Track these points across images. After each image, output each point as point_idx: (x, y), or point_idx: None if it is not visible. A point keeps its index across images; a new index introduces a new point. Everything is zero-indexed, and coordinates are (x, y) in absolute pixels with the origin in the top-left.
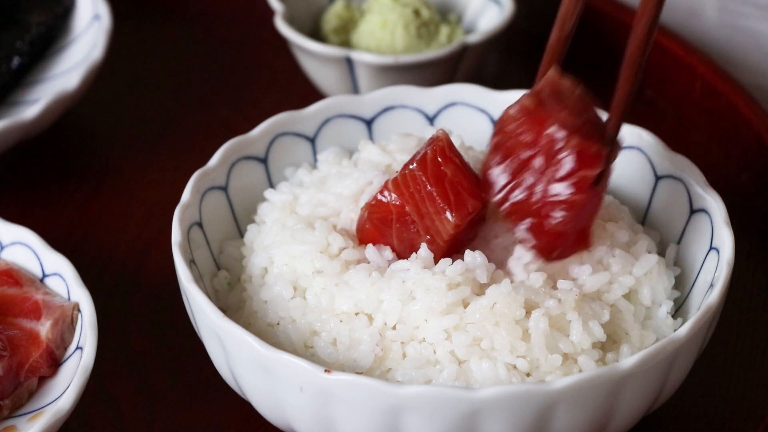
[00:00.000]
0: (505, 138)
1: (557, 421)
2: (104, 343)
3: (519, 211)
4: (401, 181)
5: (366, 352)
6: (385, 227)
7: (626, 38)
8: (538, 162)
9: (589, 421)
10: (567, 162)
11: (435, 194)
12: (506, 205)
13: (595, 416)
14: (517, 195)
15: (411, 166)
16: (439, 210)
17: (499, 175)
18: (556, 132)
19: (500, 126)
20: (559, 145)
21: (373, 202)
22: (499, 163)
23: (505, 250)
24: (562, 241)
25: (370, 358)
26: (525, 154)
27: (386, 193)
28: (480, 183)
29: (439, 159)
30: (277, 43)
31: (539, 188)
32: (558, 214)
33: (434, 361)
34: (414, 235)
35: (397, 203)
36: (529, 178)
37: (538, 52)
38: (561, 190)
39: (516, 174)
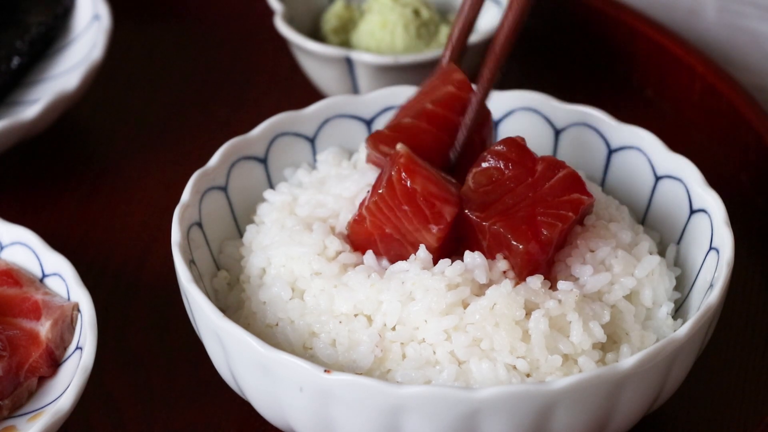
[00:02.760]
0: (491, 169)
1: (557, 421)
2: (104, 343)
3: (509, 221)
4: (375, 208)
5: (365, 353)
6: (371, 244)
7: (626, 38)
8: (530, 182)
9: (588, 421)
10: (564, 181)
11: (410, 213)
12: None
13: (594, 416)
14: (508, 206)
15: (380, 191)
16: (418, 227)
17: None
18: (551, 160)
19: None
20: (555, 170)
21: (352, 224)
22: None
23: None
24: (543, 256)
25: (369, 359)
26: (515, 176)
27: (361, 218)
28: (452, 184)
29: (405, 178)
30: (277, 43)
31: (533, 201)
32: (551, 225)
33: (434, 361)
34: (402, 249)
35: (377, 225)
36: (522, 194)
37: (538, 52)
38: (556, 205)
39: (508, 191)
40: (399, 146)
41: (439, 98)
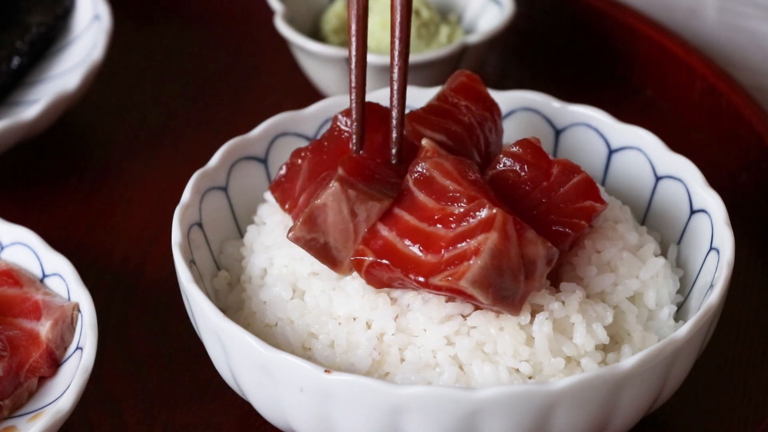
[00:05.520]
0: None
1: (557, 421)
2: (104, 343)
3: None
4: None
5: (363, 356)
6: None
7: (626, 38)
8: (545, 186)
9: (589, 421)
10: (578, 187)
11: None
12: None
13: (595, 416)
14: (523, 212)
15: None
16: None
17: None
18: (566, 163)
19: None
20: (570, 175)
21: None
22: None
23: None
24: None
25: (367, 362)
26: (530, 178)
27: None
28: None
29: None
30: (277, 43)
31: (548, 207)
32: (563, 236)
33: (434, 364)
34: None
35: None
36: (537, 199)
37: (538, 52)
38: (569, 213)
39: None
40: (425, 141)
41: (454, 87)
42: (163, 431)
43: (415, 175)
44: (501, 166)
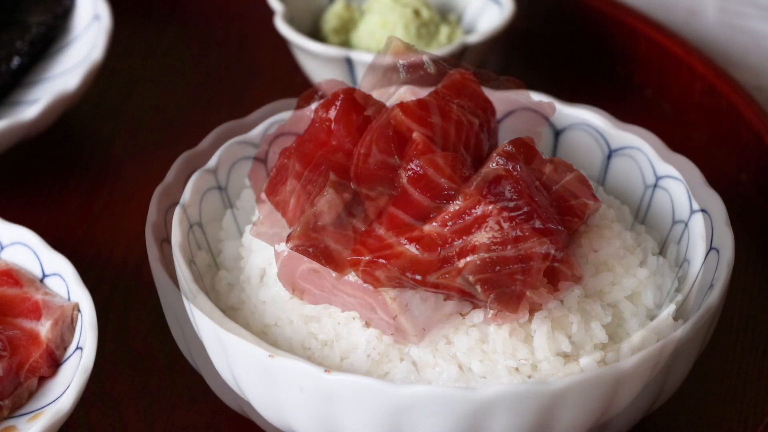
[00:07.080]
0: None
1: (557, 421)
2: (104, 343)
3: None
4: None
5: (363, 355)
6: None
7: (626, 38)
8: (537, 185)
9: (589, 421)
10: (571, 185)
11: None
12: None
13: (595, 416)
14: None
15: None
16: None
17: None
18: (559, 162)
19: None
20: (563, 173)
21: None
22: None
23: None
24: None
25: (367, 362)
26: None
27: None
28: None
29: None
30: (277, 43)
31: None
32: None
33: (433, 363)
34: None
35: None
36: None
37: (538, 52)
38: (563, 210)
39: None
40: (415, 134)
41: (447, 84)
42: (163, 431)
43: (409, 172)
44: (494, 164)
